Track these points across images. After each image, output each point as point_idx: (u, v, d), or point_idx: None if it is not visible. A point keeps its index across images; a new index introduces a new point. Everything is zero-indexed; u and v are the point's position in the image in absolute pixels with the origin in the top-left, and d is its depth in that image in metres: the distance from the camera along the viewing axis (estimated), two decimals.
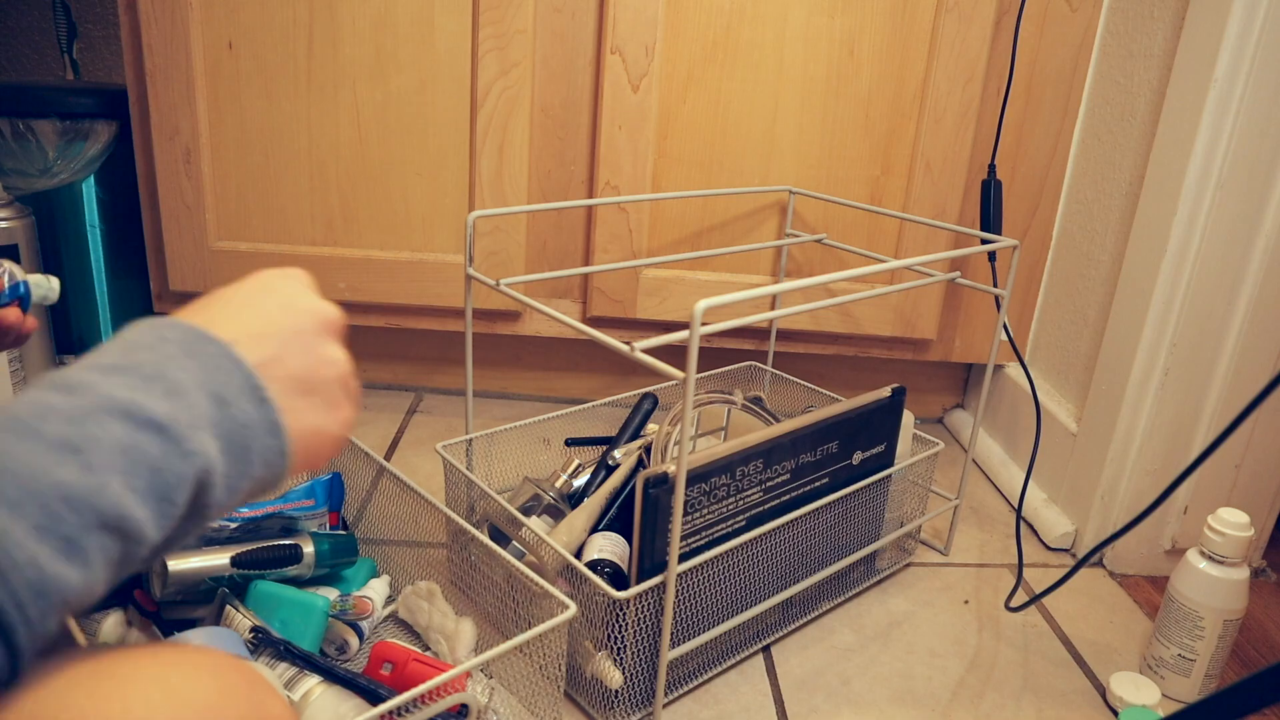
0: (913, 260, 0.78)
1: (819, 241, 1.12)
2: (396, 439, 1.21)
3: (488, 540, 0.74)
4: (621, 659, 0.71)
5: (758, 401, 1.00)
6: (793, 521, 0.81)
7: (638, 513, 0.69)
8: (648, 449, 0.90)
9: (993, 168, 1.12)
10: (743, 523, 0.77)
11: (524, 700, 0.71)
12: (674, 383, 1.15)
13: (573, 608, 0.67)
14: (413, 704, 0.60)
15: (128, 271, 1.26)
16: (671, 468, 0.68)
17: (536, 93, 1.12)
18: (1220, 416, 0.94)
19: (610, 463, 0.90)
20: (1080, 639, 0.90)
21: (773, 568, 0.81)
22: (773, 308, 1.21)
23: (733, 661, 0.83)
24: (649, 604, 0.70)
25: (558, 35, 1.10)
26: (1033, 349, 1.23)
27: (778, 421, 0.96)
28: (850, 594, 0.93)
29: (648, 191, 1.13)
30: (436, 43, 1.09)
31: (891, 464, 0.91)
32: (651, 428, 0.99)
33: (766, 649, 0.85)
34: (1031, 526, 1.09)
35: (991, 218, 1.12)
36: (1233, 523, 0.78)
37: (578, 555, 0.80)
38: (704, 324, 0.62)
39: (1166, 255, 0.91)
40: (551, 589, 0.68)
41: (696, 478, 0.71)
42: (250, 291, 0.44)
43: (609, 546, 0.79)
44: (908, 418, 0.92)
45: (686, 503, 0.71)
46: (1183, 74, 0.90)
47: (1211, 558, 0.79)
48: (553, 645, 0.67)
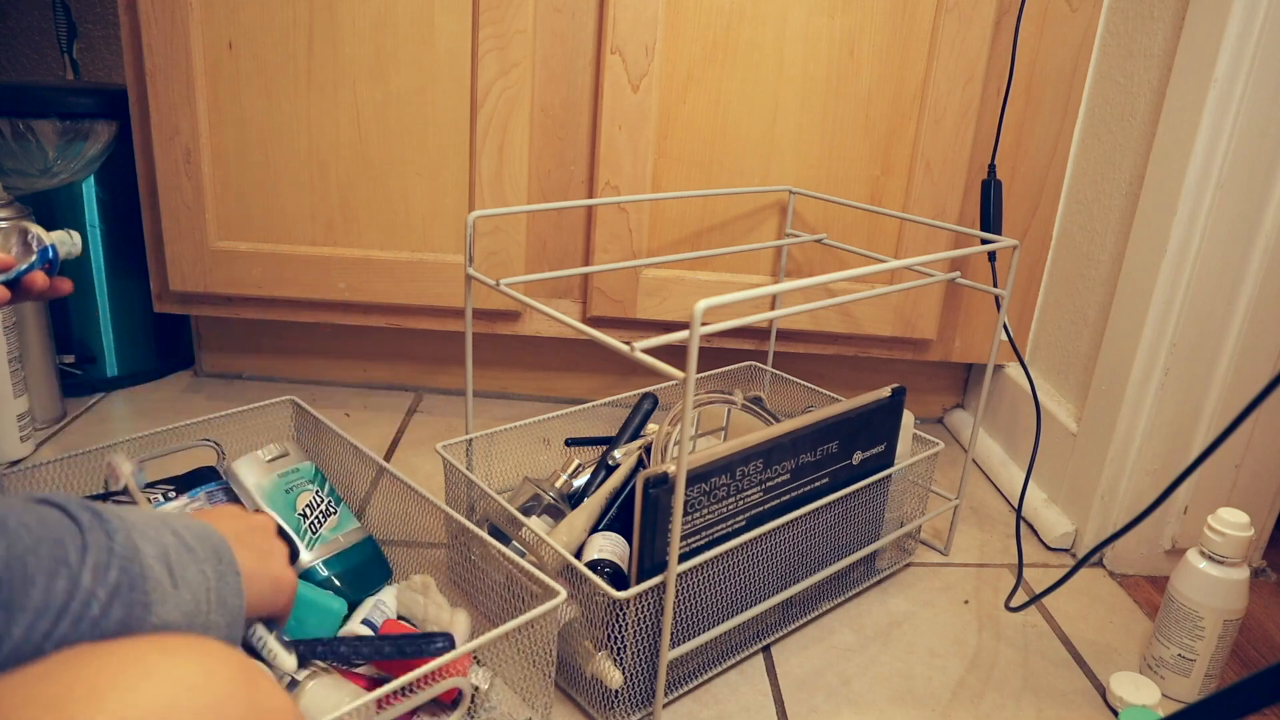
0: (913, 260, 0.78)
1: (819, 241, 1.12)
2: (396, 439, 1.21)
3: (488, 538, 0.74)
4: (621, 659, 0.71)
5: (758, 401, 1.00)
6: (793, 521, 0.81)
7: (638, 513, 0.69)
8: (648, 449, 0.90)
9: (993, 168, 1.12)
10: (743, 523, 0.77)
11: (515, 689, 0.71)
12: (674, 383, 1.15)
13: (562, 594, 0.67)
14: (407, 689, 0.61)
15: (128, 271, 1.26)
16: (671, 468, 0.68)
17: (536, 93, 1.12)
18: (1220, 416, 0.94)
19: (610, 463, 0.90)
20: (1080, 639, 0.90)
21: (773, 568, 0.81)
22: (773, 308, 1.21)
23: (733, 661, 0.83)
24: (649, 604, 0.70)
25: (558, 35, 1.10)
26: (1033, 349, 1.23)
27: (778, 421, 0.96)
28: (850, 594, 0.93)
29: (648, 191, 1.13)
30: (436, 43, 1.09)
31: (891, 464, 0.91)
32: (651, 428, 0.99)
33: (766, 649, 0.85)
34: (1031, 526, 1.09)
35: (991, 218, 1.12)
36: (1233, 523, 0.78)
37: (578, 555, 0.80)
38: (704, 324, 0.62)
39: (1166, 255, 0.91)
40: (546, 579, 0.68)
41: (696, 478, 0.71)
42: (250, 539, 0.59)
43: (609, 546, 0.79)
44: (908, 418, 0.92)
45: (686, 503, 0.71)
46: (1183, 74, 0.90)
47: (1211, 558, 0.79)
48: (543, 633, 0.67)
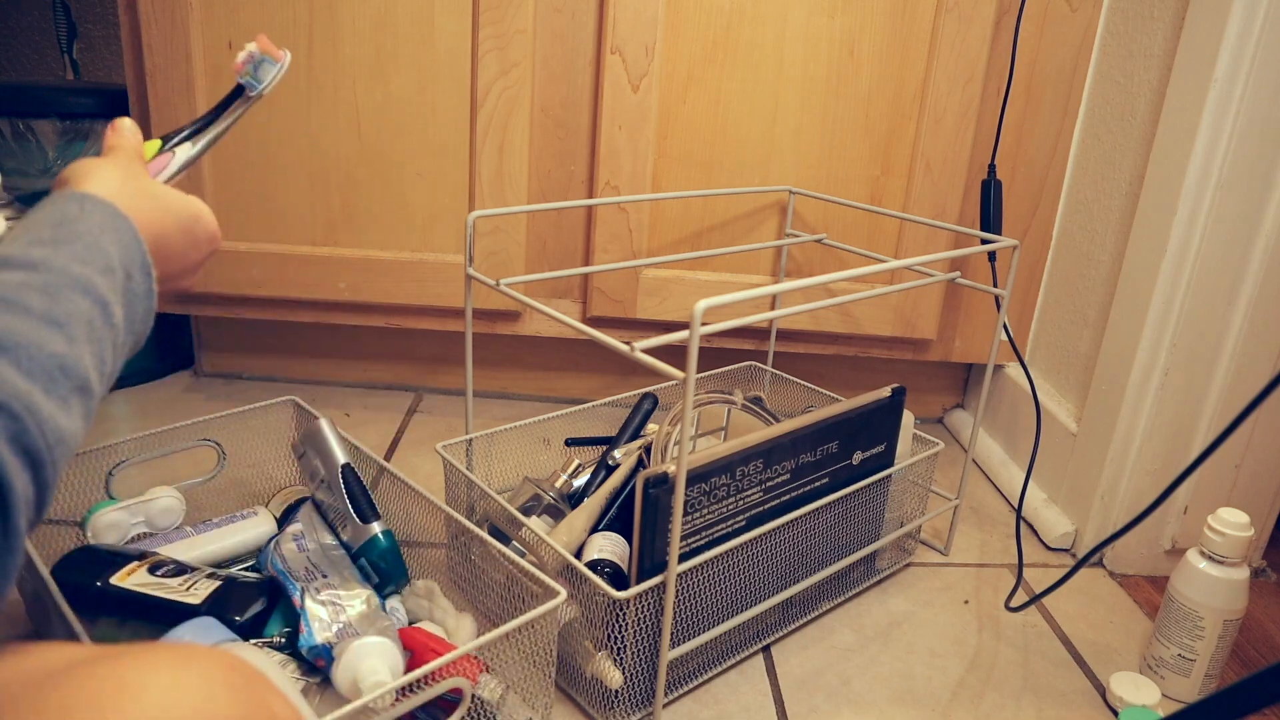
0: (913, 260, 0.78)
1: (819, 241, 1.12)
2: (396, 439, 1.21)
3: (488, 538, 0.74)
4: (621, 659, 0.71)
5: (758, 401, 1.00)
6: (793, 521, 0.81)
7: (638, 513, 0.69)
8: (648, 449, 0.90)
9: (993, 168, 1.12)
10: (743, 523, 0.77)
11: (515, 689, 0.71)
12: (674, 383, 1.15)
13: (562, 594, 0.67)
14: (410, 687, 0.61)
15: None
16: (671, 468, 0.68)
17: (536, 93, 1.12)
18: (1220, 416, 0.94)
19: (610, 463, 0.90)
20: (1080, 639, 0.90)
21: (773, 568, 0.81)
22: (773, 308, 1.21)
23: (733, 661, 0.83)
24: (649, 604, 0.70)
25: (558, 35, 1.10)
26: (1033, 349, 1.23)
27: (778, 421, 0.96)
28: (850, 594, 0.93)
29: (648, 191, 1.13)
30: (436, 43, 1.09)
31: (891, 464, 0.91)
32: (651, 428, 0.99)
33: (766, 649, 0.85)
34: (1031, 526, 1.09)
35: (991, 218, 1.12)
36: (1233, 523, 0.78)
37: (578, 555, 0.80)
38: (704, 324, 0.62)
39: (1166, 255, 0.91)
40: (547, 579, 0.68)
41: (696, 478, 0.71)
42: (128, 172, 0.53)
43: (609, 546, 0.79)
44: (908, 418, 0.92)
45: (686, 503, 0.71)
46: (1183, 74, 0.90)
47: (1211, 558, 0.79)
48: (543, 633, 0.68)
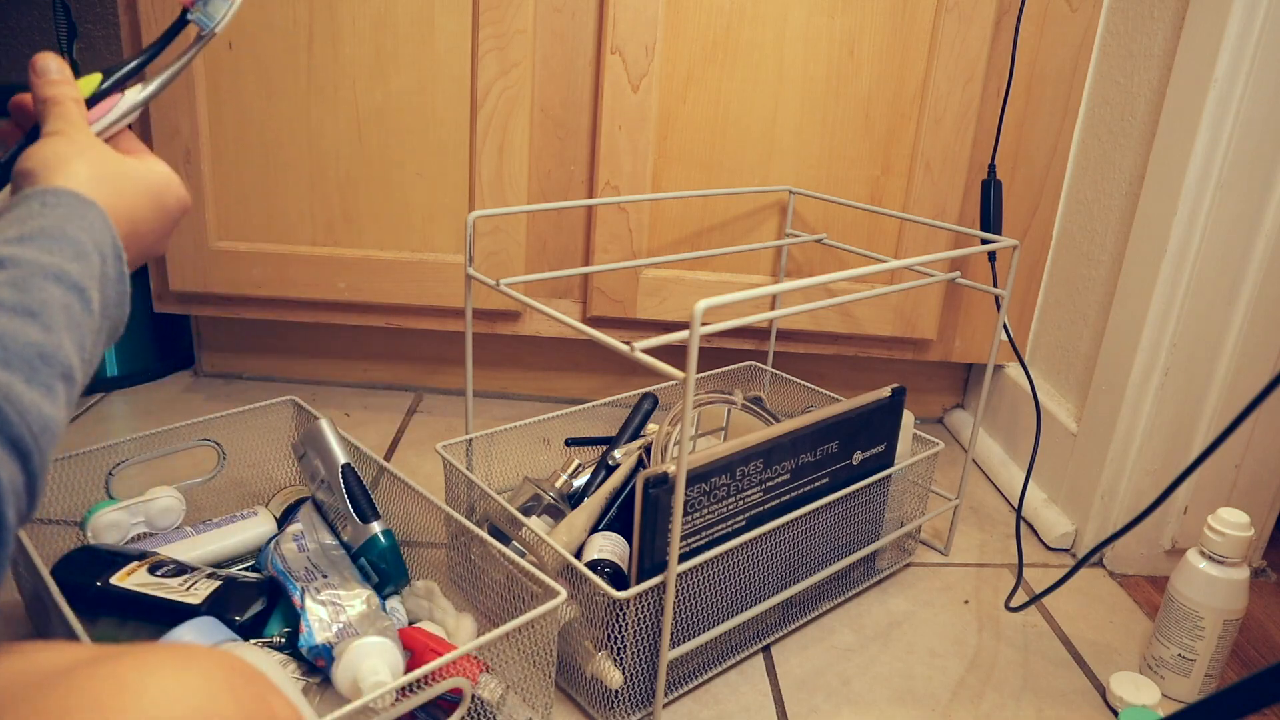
0: (913, 260, 0.78)
1: (819, 241, 1.12)
2: (396, 439, 1.21)
3: (488, 538, 0.74)
4: (621, 659, 0.71)
5: (758, 401, 1.00)
6: (793, 521, 0.81)
7: (638, 513, 0.69)
8: (648, 449, 0.90)
9: (993, 168, 1.12)
10: (743, 523, 0.77)
11: (516, 689, 0.71)
12: (674, 383, 1.15)
13: (562, 594, 0.67)
14: (410, 687, 0.61)
15: None
16: (671, 468, 0.68)
17: (536, 93, 1.12)
18: (1220, 416, 0.94)
19: (610, 463, 0.90)
20: (1080, 639, 0.90)
21: (773, 568, 0.81)
22: (773, 308, 1.21)
23: (733, 661, 0.83)
24: (649, 604, 0.70)
25: (558, 35, 1.10)
26: (1033, 349, 1.23)
27: (778, 421, 0.96)
28: (850, 594, 0.93)
29: (648, 191, 1.13)
30: (436, 43, 1.09)
31: (891, 464, 0.91)
32: (651, 428, 0.99)
33: (766, 649, 0.85)
34: (1031, 526, 1.09)
35: (991, 218, 1.12)
36: (1233, 523, 0.78)
37: (578, 555, 0.80)
38: (704, 324, 0.62)
39: (1166, 255, 0.91)
40: (547, 579, 0.68)
41: (696, 478, 0.71)
42: (91, 154, 0.52)
43: (609, 546, 0.79)
44: (908, 418, 0.92)
45: (686, 503, 0.71)
46: (1183, 74, 0.90)
47: (1211, 558, 0.79)
48: (543, 633, 0.68)
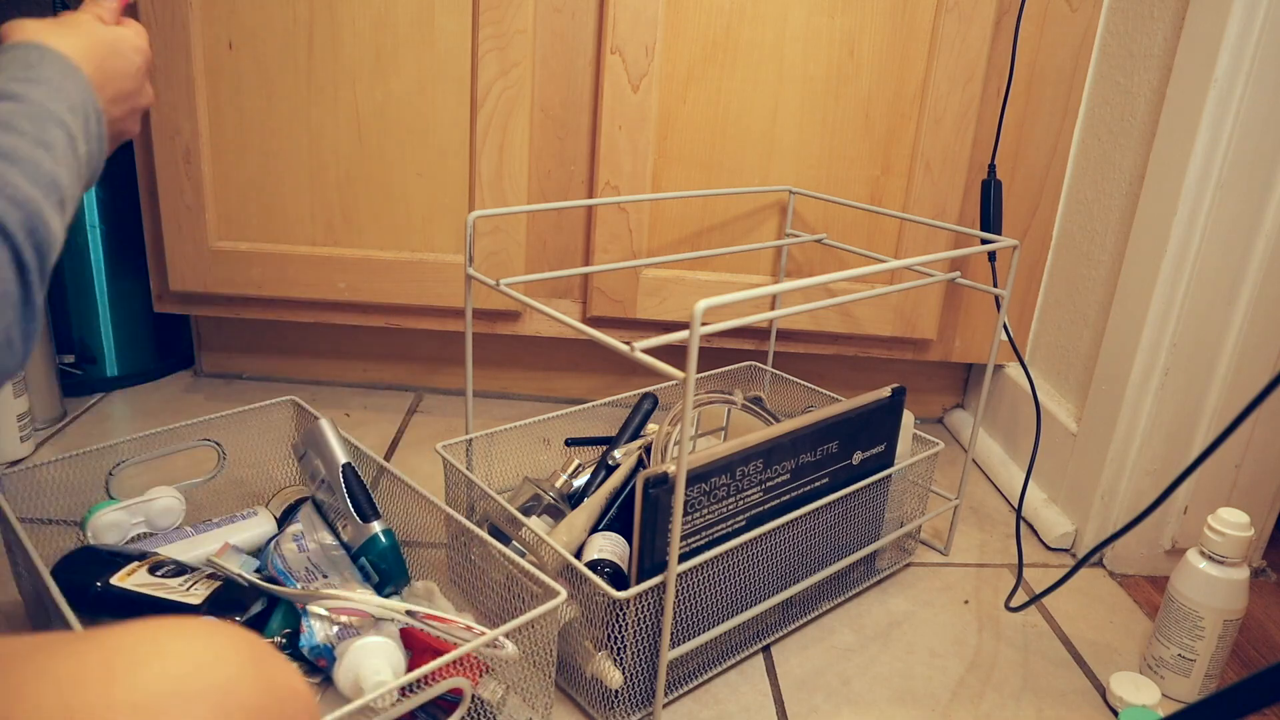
0: (913, 260, 0.78)
1: (819, 241, 1.12)
2: (396, 439, 1.21)
3: (488, 537, 0.74)
4: (621, 659, 0.71)
5: (758, 401, 1.00)
6: (793, 521, 0.81)
7: (638, 513, 0.69)
8: (648, 449, 0.90)
9: (993, 168, 1.12)
10: (743, 523, 0.77)
11: (516, 689, 0.71)
12: (674, 383, 1.15)
13: (563, 594, 0.67)
14: (411, 687, 0.61)
15: (128, 271, 1.26)
16: (671, 468, 0.68)
17: (536, 93, 1.12)
18: (1220, 416, 0.94)
19: (610, 463, 0.90)
20: (1080, 639, 0.90)
21: (773, 568, 0.81)
22: (773, 308, 1.21)
23: (733, 661, 0.83)
24: (649, 604, 0.71)
25: (558, 35, 1.10)
26: (1033, 349, 1.23)
27: (778, 421, 0.96)
28: (850, 594, 0.93)
29: (648, 191, 1.13)
30: (436, 43, 1.09)
31: (891, 464, 0.91)
32: (651, 428, 0.99)
33: (766, 649, 0.85)
34: (1031, 526, 1.09)
35: (991, 218, 1.12)
36: (1233, 523, 0.78)
37: (578, 555, 0.80)
38: (704, 324, 0.62)
39: (1166, 255, 0.91)
40: (547, 579, 0.68)
41: (696, 478, 0.71)
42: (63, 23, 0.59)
43: (609, 546, 0.79)
44: (908, 418, 0.92)
45: (686, 503, 0.71)
46: (1183, 74, 0.90)
47: (1211, 558, 0.79)
48: (543, 633, 0.68)
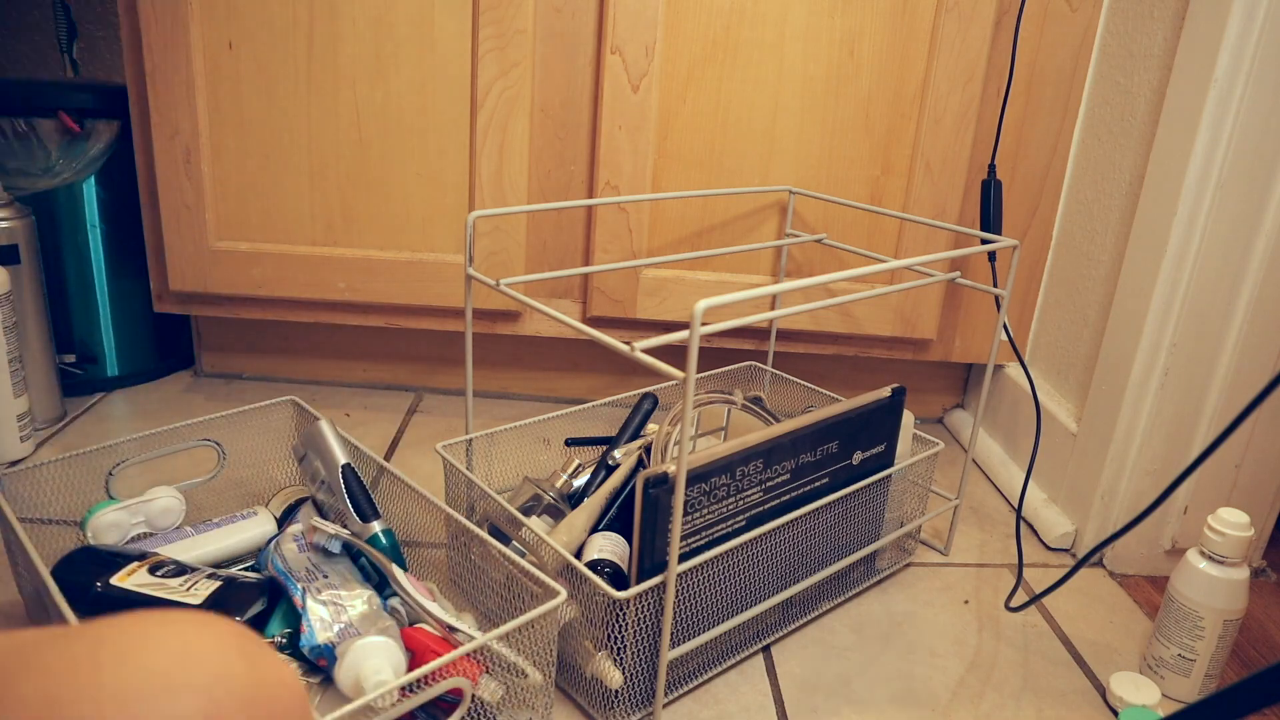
0: (913, 260, 0.78)
1: (819, 241, 1.12)
2: (396, 439, 1.21)
3: (488, 537, 0.74)
4: (621, 659, 0.71)
5: (758, 401, 1.00)
6: (793, 521, 0.81)
7: (638, 513, 0.69)
8: (648, 449, 0.90)
9: (993, 168, 1.12)
10: (743, 523, 0.77)
11: (515, 689, 0.71)
12: (674, 383, 1.15)
13: (562, 594, 0.67)
14: (411, 687, 0.61)
15: (128, 271, 1.26)
16: (671, 468, 0.68)
17: (536, 93, 1.12)
18: (1220, 416, 0.94)
19: (610, 463, 0.90)
20: (1080, 639, 0.90)
21: (773, 568, 0.81)
22: (773, 308, 1.21)
23: (733, 661, 0.83)
24: (649, 604, 0.71)
25: (558, 35, 1.10)
26: (1033, 349, 1.23)
27: (778, 421, 0.96)
28: (850, 594, 0.93)
29: (648, 191, 1.13)
30: (436, 43, 1.09)
31: (891, 464, 0.91)
32: (651, 428, 0.99)
33: (766, 649, 0.85)
34: (1031, 526, 1.09)
35: (991, 218, 1.12)
36: (1233, 523, 0.78)
37: (578, 555, 0.80)
38: (704, 324, 0.62)
39: (1166, 255, 0.91)
40: (547, 579, 0.68)
41: (696, 478, 0.71)
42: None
43: (609, 546, 0.79)
44: (908, 418, 0.92)
45: (686, 503, 0.71)
46: (1183, 74, 0.90)
47: (1211, 558, 0.79)
48: (543, 633, 0.68)
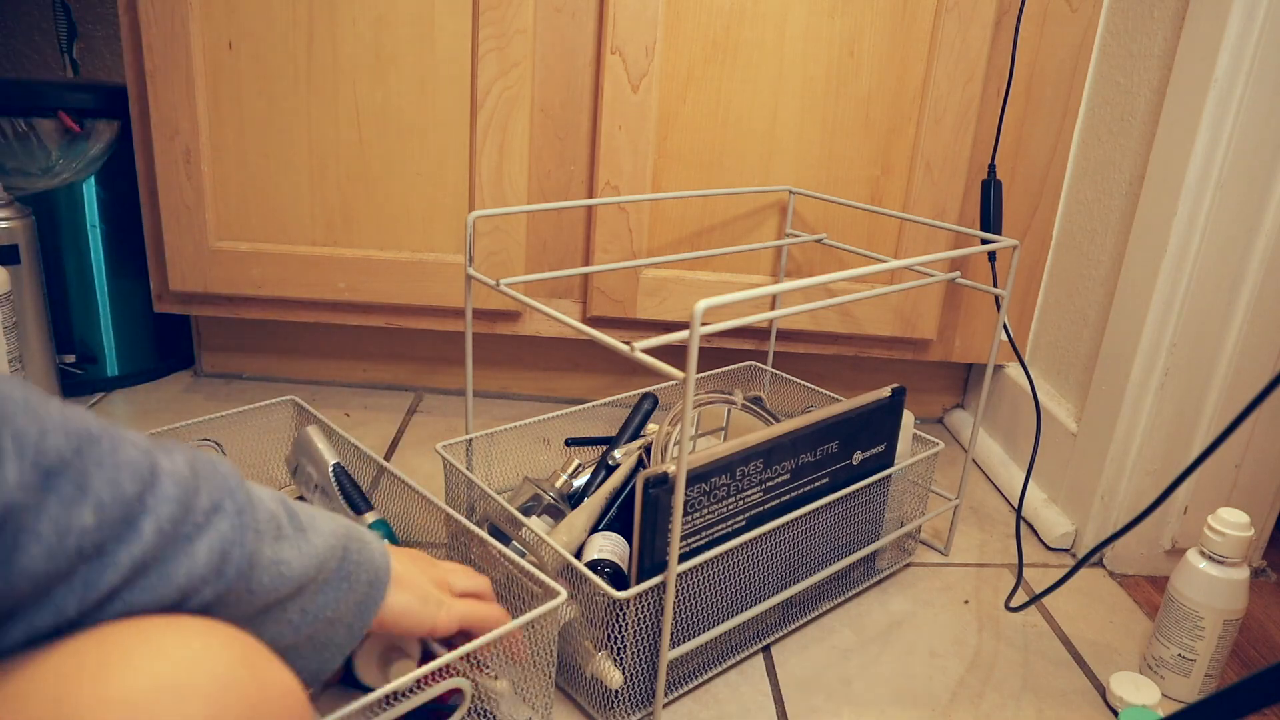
0: (913, 260, 0.78)
1: (819, 241, 1.12)
2: (396, 439, 1.21)
3: (488, 537, 0.74)
4: (621, 659, 0.71)
5: (758, 401, 1.00)
6: (793, 521, 0.81)
7: (638, 513, 0.69)
8: (648, 449, 0.90)
9: (993, 168, 1.12)
10: (743, 523, 0.77)
11: (515, 689, 0.71)
12: (674, 383, 1.15)
13: (563, 594, 0.67)
14: (406, 691, 0.61)
15: (128, 271, 1.26)
16: (671, 468, 0.68)
17: (536, 93, 1.12)
18: (1220, 416, 0.94)
19: (610, 463, 0.90)
20: (1080, 639, 0.90)
21: (773, 568, 0.81)
22: (773, 308, 1.21)
23: (733, 661, 0.83)
24: (649, 604, 0.70)
25: (558, 35, 1.10)
26: (1033, 349, 1.23)
27: (778, 421, 0.96)
28: (850, 594, 0.93)
29: (648, 191, 1.13)
30: (436, 43, 1.09)
31: (891, 464, 0.91)
32: (651, 428, 0.99)
33: (766, 649, 0.85)
34: (1031, 526, 1.09)
35: (991, 218, 1.12)
36: (1233, 523, 0.78)
37: (578, 555, 0.80)
38: (704, 324, 0.62)
39: (1166, 255, 0.91)
40: (546, 579, 0.68)
41: (696, 478, 0.71)
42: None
43: (609, 546, 0.79)
44: (908, 418, 0.92)
45: (686, 503, 0.71)
46: (1183, 74, 0.90)
47: (1211, 558, 0.79)
48: (544, 634, 0.68)
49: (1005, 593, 0.96)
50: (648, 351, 0.65)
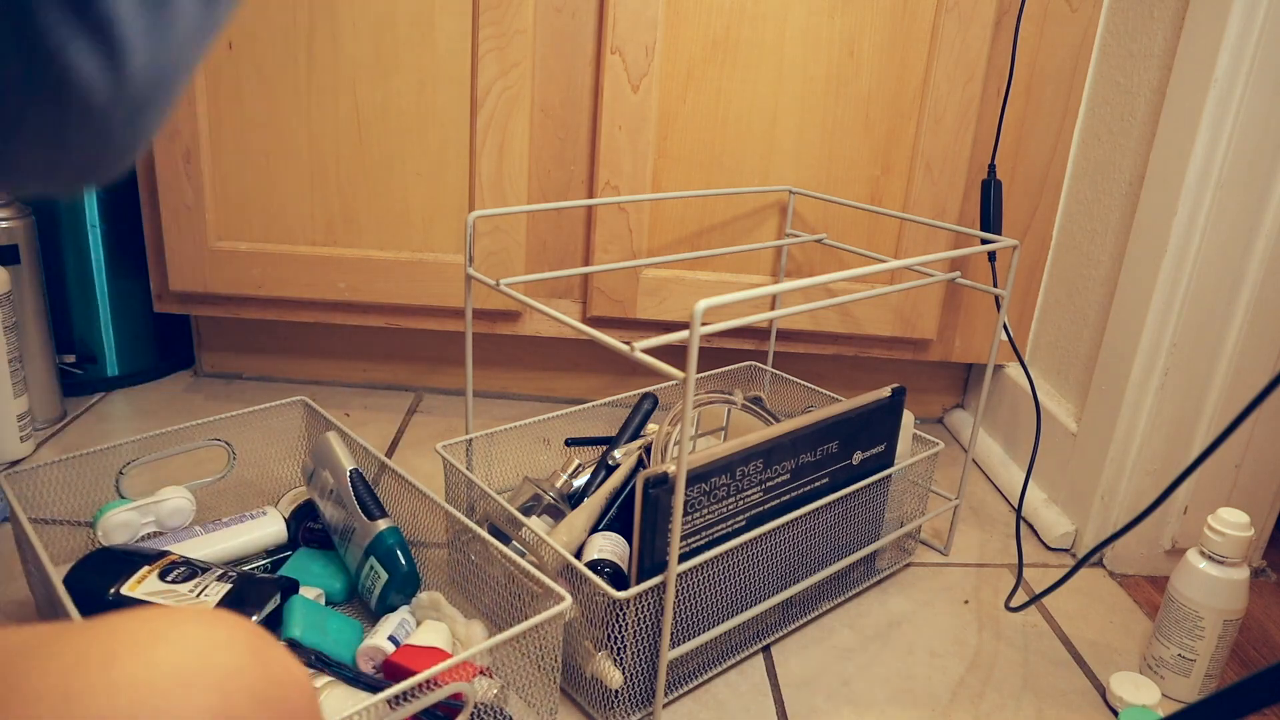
0: (913, 260, 0.78)
1: (819, 241, 1.12)
2: (396, 439, 1.21)
3: (489, 537, 0.74)
4: (621, 659, 0.71)
5: (758, 401, 1.00)
6: (793, 521, 0.81)
7: (638, 513, 0.69)
8: (648, 449, 0.90)
9: (993, 168, 1.12)
10: (743, 523, 0.77)
11: (520, 693, 0.71)
12: (674, 383, 1.15)
13: (568, 599, 0.67)
14: (411, 693, 0.61)
15: (128, 271, 1.26)
16: (671, 468, 0.68)
17: (536, 93, 1.12)
18: (1220, 416, 0.94)
19: (610, 463, 0.90)
20: (1080, 639, 0.90)
21: (773, 568, 0.81)
22: (773, 308, 1.21)
23: (733, 661, 0.83)
24: (649, 604, 0.71)
25: (558, 35, 1.10)
26: (1033, 349, 1.23)
27: (778, 421, 0.97)
28: (850, 594, 0.93)
29: (648, 191, 1.13)
30: (436, 43, 1.09)
31: (891, 464, 0.91)
32: (651, 428, 0.99)
33: (766, 649, 0.85)
34: (1031, 526, 1.09)
35: (991, 218, 1.12)
36: (1233, 523, 0.78)
37: (578, 555, 0.80)
38: (704, 324, 0.62)
39: (1166, 255, 0.91)
40: (550, 583, 0.68)
41: (696, 478, 0.71)
42: None
43: (609, 546, 0.79)
44: (908, 418, 0.92)
45: (686, 503, 0.71)
46: (1183, 74, 0.90)
47: (1211, 558, 0.79)
48: (549, 637, 0.68)
49: (1005, 593, 0.96)
50: (648, 351, 0.65)
